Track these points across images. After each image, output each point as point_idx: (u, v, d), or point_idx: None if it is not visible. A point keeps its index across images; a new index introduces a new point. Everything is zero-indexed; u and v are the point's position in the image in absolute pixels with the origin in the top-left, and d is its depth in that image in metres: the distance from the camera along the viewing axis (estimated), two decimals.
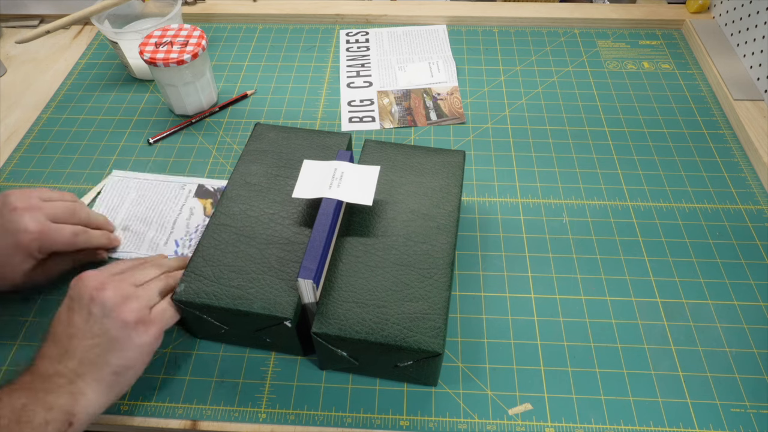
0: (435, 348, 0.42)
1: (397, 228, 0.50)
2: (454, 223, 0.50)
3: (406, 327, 0.43)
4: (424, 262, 0.47)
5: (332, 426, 0.46)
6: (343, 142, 0.57)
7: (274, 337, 0.48)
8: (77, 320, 0.42)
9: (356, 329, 0.43)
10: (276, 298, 0.45)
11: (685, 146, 0.68)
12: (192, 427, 0.47)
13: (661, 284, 0.55)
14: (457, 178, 0.54)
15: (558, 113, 0.72)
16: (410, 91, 0.76)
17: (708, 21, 0.83)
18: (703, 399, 0.47)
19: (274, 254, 0.48)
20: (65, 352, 0.41)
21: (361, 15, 0.87)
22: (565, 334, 0.51)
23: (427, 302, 0.45)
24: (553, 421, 0.46)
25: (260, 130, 0.59)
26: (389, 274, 0.47)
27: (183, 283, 0.46)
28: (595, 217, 0.61)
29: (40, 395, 0.39)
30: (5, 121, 0.73)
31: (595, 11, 0.86)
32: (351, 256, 0.48)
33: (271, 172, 0.55)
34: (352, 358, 0.46)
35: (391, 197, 0.52)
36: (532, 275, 0.56)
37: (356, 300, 0.45)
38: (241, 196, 0.52)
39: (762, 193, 0.62)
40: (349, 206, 0.51)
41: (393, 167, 0.55)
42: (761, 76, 0.72)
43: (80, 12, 0.72)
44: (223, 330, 0.49)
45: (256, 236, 0.49)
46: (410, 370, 0.46)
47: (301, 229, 0.50)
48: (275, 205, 0.52)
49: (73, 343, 0.42)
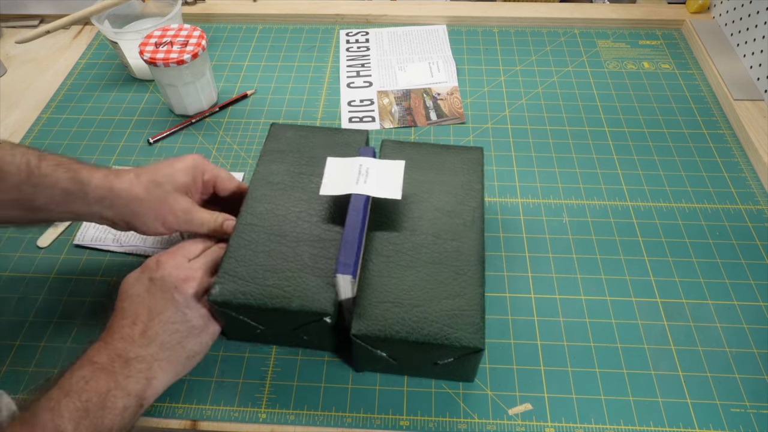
0: (476, 344, 0.43)
1: (425, 226, 0.50)
2: (480, 219, 0.50)
3: (446, 324, 0.44)
4: (456, 259, 0.47)
5: (332, 426, 0.46)
6: (361, 139, 0.58)
7: (312, 335, 0.48)
8: (158, 304, 0.43)
9: (396, 329, 0.44)
10: (314, 294, 0.45)
11: (685, 146, 0.68)
12: (192, 427, 0.47)
13: (661, 284, 0.55)
14: (478, 174, 0.54)
15: (558, 113, 0.72)
16: (410, 91, 0.76)
17: (708, 21, 0.83)
18: (703, 399, 0.47)
19: (306, 252, 0.48)
20: (145, 334, 0.42)
21: (361, 15, 0.87)
22: (565, 334, 0.51)
23: (463, 299, 0.45)
24: (553, 421, 0.46)
25: (277, 130, 0.59)
26: (422, 272, 0.47)
27: (218, 285, 0.46)
28: (595, 217, 0.61)
29: (121, 380, 0.40)
30: (5, 121, 0.73)
31: (595, 11, 0.86)
32: (381, 256, 0.48)
33: (293, 170, 0.55)
34: (391, 358, 0.46)
35: (415, 196, 0.52)
36: (532, 275, 0.56)
37: (392, 300, 0.45)
38: (266, 195, 0.53)
39: (762, 193, 0.62)
40: (374, 205, 0.51)
41: (414, 166, 0.55)
42: (761, 76, 0.72)
43: (80, 12, 0.72)
44: (258, 330, 0.49)
45: (286, 234, 0.49)
46: (450, 367, 0.46)
47: (329, 226, 0.50)
48: (301, 203, 0.52)
49: (154, 326, 0.43)
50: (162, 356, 0.43)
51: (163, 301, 0.44)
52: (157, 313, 0.43)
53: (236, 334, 0.51)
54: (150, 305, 0.44)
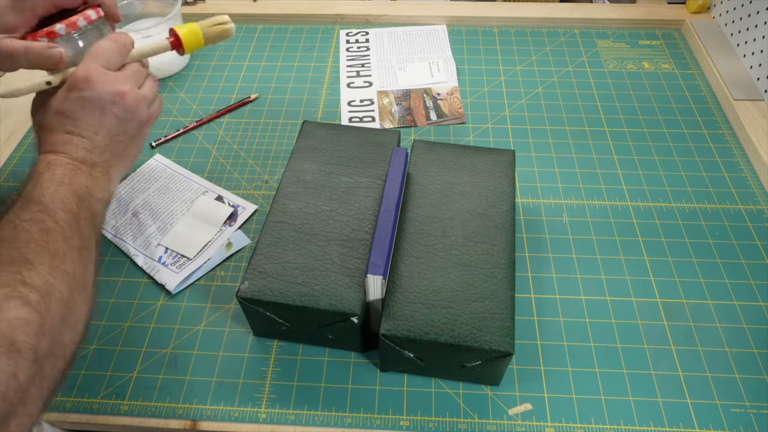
0: (506, 348, 0.43)
1: (456, 228, 0.50)
2: (511, 222, 0.51)
3: (476, 327, 0.44)
4: (486, 262, 0.48)
5: (332, 426, 0.46)
6: (393, 139, 0.58)
7: (338, 334, 0.48)
8: (96, 119, 0.44)
9: (425, 330, 0.44)
10: (342, 294, 0.46)
11: (685, 146, 0.68)
12: (192, 427, 0.47)
13: (661, 284, 0.55)
14: (510, 177, 0.54)
15: (558, 113, 0.72)
16: (410, 91, 0.76)
17: (708, 21, 0.83)
18: (703, 399, 0.47)
19: (335, 251, 0.48)
20: (95, 146, 0.44)
21: (361, 15, 0.87)
22: (565, 334, 0.51)
23: (494, 302, 0.45)
24: (553, 421, 0.46)
25: (309, 127, 0.59)
26: (452, 274, 0.47)
27: (247, 281, 0.47)
28: (595, 217, 0.61)
29: (92, 179, 0.43)
30: (5, 121, 0.73)
31: (595, 11, 0.86)
32: (412, 257, 0.48)
33: (324, 169, 0.55)
34: (418, 359, 0.46)
35: (446, 197, 0.52)
36: (532, 275, 0.56)
37: (422, 301, 0.45)
38: (297, 193, 0.53)
39: (762, 193, 0.62)
40: (405, 206, 0.52)
41: (445, 167, 0.55)
42: (761, 76, 0.72)
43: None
44: (284, 327, 0.49)
45: (316, 233, 0.50)
46: (477, 370, 0.46)
47: (359, 226, 0.50)
48: (332, 202, 0.52)
49: (101, 139, 0.45)
50: (113, 162, 0.46)
51: (104, 116, 0.45)
52: (101, 127, 0.45)
53: (262, 331, 0.51)
54: (90, 121, 0.44)
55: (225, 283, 0.56)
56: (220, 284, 0.56)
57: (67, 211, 0.39)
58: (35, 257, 0.35)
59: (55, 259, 0.36)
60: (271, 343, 0.51)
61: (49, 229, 0.37)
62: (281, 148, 0.69)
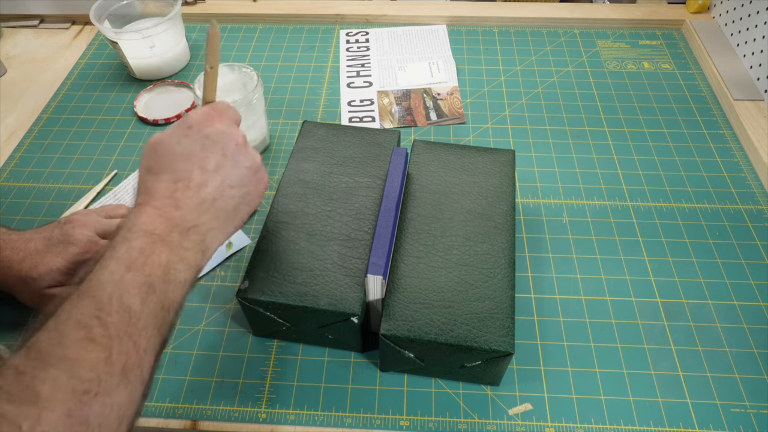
0: (506, 348, 0.43)
1: (456, 228, 0.50)
2: (511, 223, 0.51)
3: (476, 327, 0.44)
4: (486, 262, 0.48)
5: (332, 426, 0.46)
6: (393, 139, 0.58)
7: (338, 334, 0.48)
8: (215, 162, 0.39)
9: (425, 330, 0.44)
10: (342, 294, 0.46)
11: (685, 146, 0.68)
12: (192, 427, 0.47)
13: (661, 284, 0.55)
14: (510, 177, 0.54)
15: (558, 113, 0.72)
16: (410, 91, 0.76)
17: (708, 21, 0.83)
18: (703, 399, 0.47)
19: (335, 251, 0.48)
20: (200, 200, 0.38)
21: (361, 15, 0.87)
22: (565, 334, 0.51)
23: (494, 302, 0.45)
24: (553, 421, 0.46)
25: (309, 127, 0.59)
26: (452, 274, 0.47)
27: (247, 280, 0.47)
28: (595, 217, 0.61)
29: (181, 252, 0.36)
30: (5, 121, 0.73)
31: (595, 11, 0.86)
32: (412, 257, 0.48)
33: (324, 169, 0.55)
34: (418, 359, 0.46)
35: (446, 197, 0.52)
36: (532, 275, 0.56)
37: (422, 301, 0.45)
38: (297, 193, 0.53)
39: (762, 193, 0.62)
40: (405, 206, 0.52)
41: (445, 167, 0.55)
42: (761, 76, 0.72)
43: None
44: (284, 327, 0.49)
45: (316, 233, 0.50)
46: (477, 370, 0.46)
47: (359, 226, 0.50)
48: (332, 202, 0.52)
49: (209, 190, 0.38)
50: (215, 225, 0.39)
51: (221, 159, 0.38)
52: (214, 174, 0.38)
53: (262, 331, 0.51)
54: (204, 164, 0.38)
55: (225, 283, 0.56)
56: (220, 284, 0.56)
57: (124, 312, 0.32)
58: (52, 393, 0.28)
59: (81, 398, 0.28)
60: (271, 343, 0.51)
61: (92, 338, 0.30)
62: (281, 148, 0.69)
